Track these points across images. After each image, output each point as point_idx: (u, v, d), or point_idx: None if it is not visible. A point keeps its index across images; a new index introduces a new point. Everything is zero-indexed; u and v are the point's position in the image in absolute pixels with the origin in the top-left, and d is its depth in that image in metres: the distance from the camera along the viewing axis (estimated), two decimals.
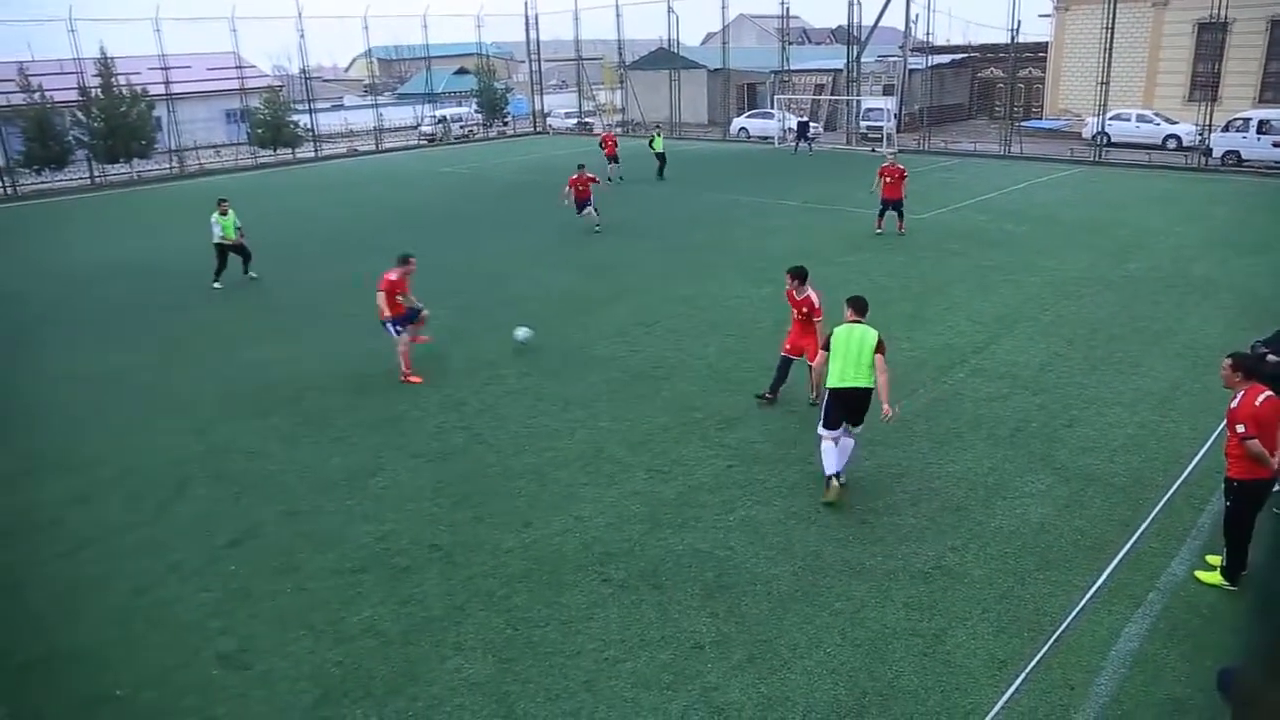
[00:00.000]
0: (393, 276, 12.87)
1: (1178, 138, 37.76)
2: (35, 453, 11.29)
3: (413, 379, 12.94)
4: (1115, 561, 8.02)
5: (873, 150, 40.67)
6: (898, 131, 42.25)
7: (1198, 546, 8.20)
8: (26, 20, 59.65)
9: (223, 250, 19.43)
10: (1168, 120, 39.20)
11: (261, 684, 6.88)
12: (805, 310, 11.22)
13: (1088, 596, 7.54)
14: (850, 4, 42.54)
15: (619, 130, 49.21)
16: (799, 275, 11.23)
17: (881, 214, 21.71)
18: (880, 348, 8.93)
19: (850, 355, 8.95)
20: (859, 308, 9.38)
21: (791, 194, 27.73)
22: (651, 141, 34.42)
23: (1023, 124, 44.02)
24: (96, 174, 41.34)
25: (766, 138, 45.00)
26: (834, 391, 9.02)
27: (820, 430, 9.18)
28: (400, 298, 12.94)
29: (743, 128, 47.84)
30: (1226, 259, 18.90)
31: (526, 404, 12.05)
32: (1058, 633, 7.10)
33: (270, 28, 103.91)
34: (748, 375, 12.74)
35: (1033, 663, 6.78)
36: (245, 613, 7.74)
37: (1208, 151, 33.91)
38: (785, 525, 8.77)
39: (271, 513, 9.42)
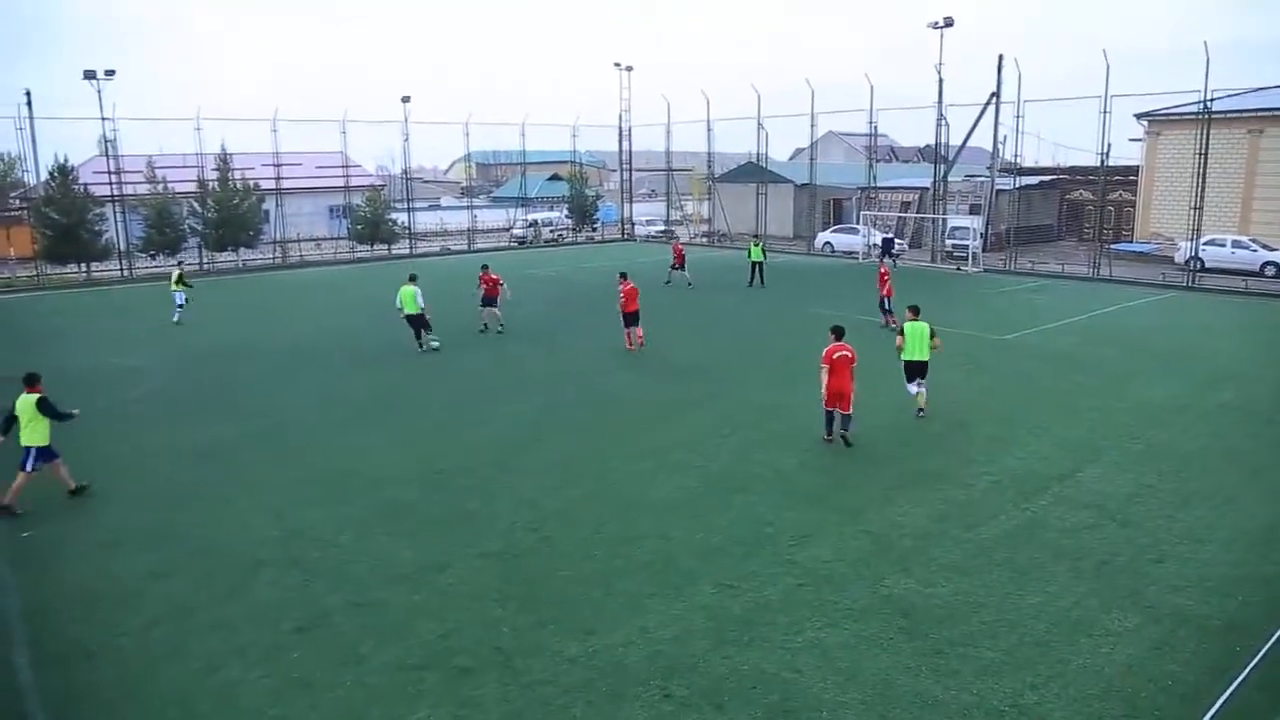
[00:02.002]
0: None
1: (1276, 264, 36.72)
2: (122, 524, 11.77)
3: None
4: (1211, 713, 7.51)
5: (958, 269, 40.47)
6: (984, 251, 42.04)
7: None
8: (160, 118, 64.66)
9: (409, 320, 21.73)
10: (1265, 247, 38.19)
11: None
12: (851, 358, 14.46)
13: None
14: (938, 123, 43.04)
15: (701, 240, 50.04)
16: (838, 332, 14.90)
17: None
18: (933, 333, 16.24)
19: (916, 339, 16.09)
20: (916, 312, 16.64)
21: (875, 310, 27.63)
22: (750, 251, 35.52)
23: (1112, 247, 43.38)
24: (205, 260, 43.75)
25: (851, 253, 45.23)
26: (907, 363, 16.27)
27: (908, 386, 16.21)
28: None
29: (827, 242, 48.14)
30: None
31: (598, 508, 12.05)
32: None
33: (377, 130, 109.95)
34: (821, 490, 12.56)
35: None
36: (305, 703, 7.77)
37: None
38: (855, 650, 8.49)
39: (339, 602, 9.53)
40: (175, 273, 28.78)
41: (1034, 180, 53.58)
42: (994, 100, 41.90)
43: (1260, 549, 10.73)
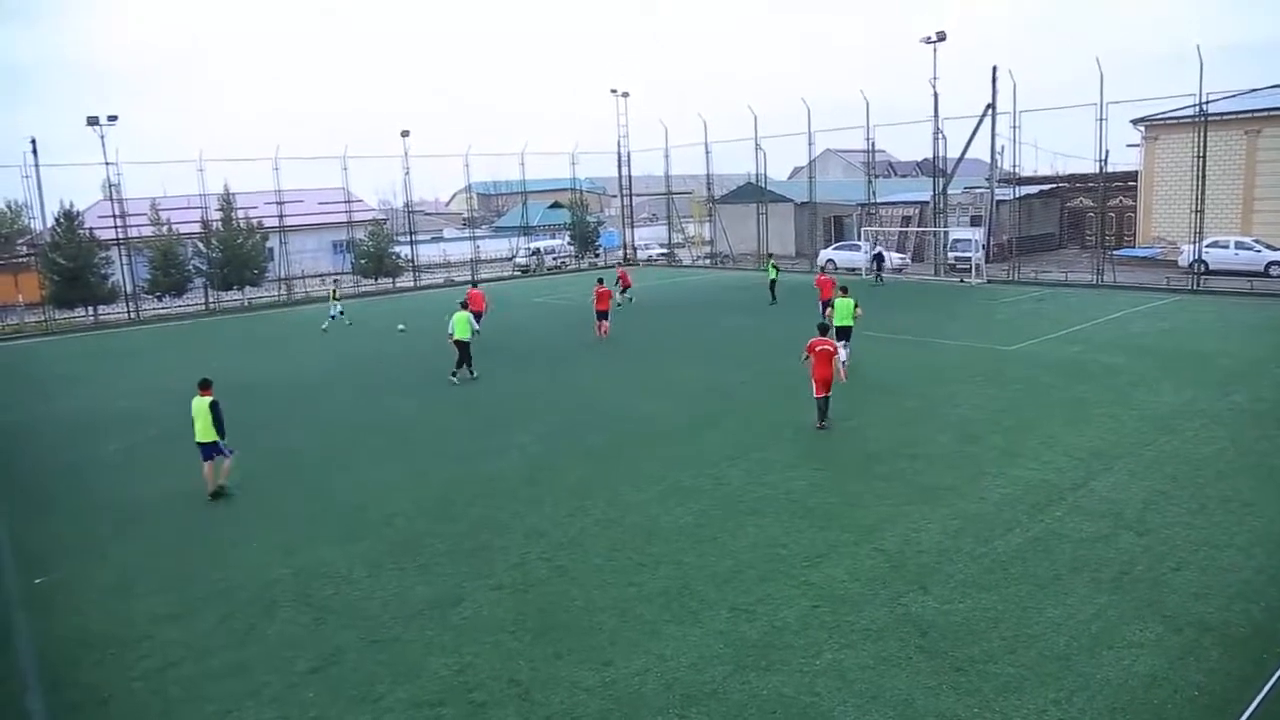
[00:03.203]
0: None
1: None
2: (136, 566, 11.78)
3: None
4: None
5: (961, 281, 40.46)
6: (986, 262, 42.04)
7: None
8: (163, 161, 65.62)
9: (458, 345, 22.34)
10: (1268, 247, 38.14)
11: None
12: (833, 350, 16.99)
13: None
14: (935, 137, 43.18)
15: (704, 262, 50.13)
16: (822, 329, 17.87)
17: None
18: (856, 305, 21.56)
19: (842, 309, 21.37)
20: (845, 291, 22.24)
21: (879, 325, 27.65)
22: (770, 270, 36.39)
23: (1115, 253, 43.36)
24: (211, 300, 44.00)
25: (854, 269, 45.24)
26: (836, 328, 20.62)
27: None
28: None
29: (830, 259, 48.09)
30: None
31: (610, 537, 12.00)
32: None
33: (379, 165, 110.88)
34: (833, 509, 12.50)
35: None
36: None
37: None
38: (874, 671, 8.40)
39: (353, 639, 9.48)
40: (332, 289, 39.24)
41: (1034, 189, 53.68)
42: (990, 112, 42.05)
43: None
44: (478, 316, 25.16)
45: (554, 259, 58.32)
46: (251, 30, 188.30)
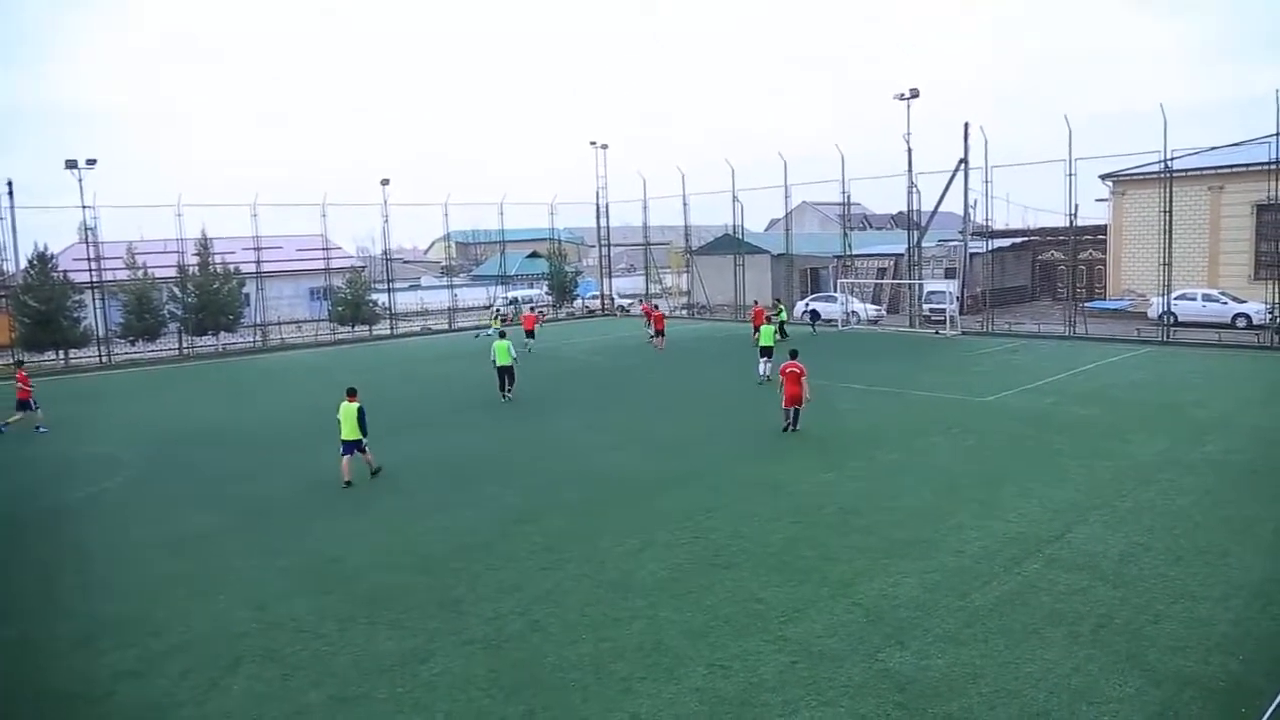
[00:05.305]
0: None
1: (1247, 316, 37.37)
2: (99, 619, 11.43)
3: None
4: None
5: (936, 332, 40.84)
6: (961, 313, 42.48)
7: None
8: (141, 205, 65.47)
9: (500, 370, 25.57)
10: (1235, 299, 38.85)
11: None
12: (800, 372, 20.08)
13: None
14: (909, 191, 43.87)
15: (680, 313, 50.55)
16: (793, 354, 20.84)
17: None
18: (781, 329, 32.23)
19: (765, 333, 28.42)
20: (769, 320, 31.15)
21: (856, 377, 27.79)
22: (779, 314, 37.52)
23: (1086, 305, 44.00)
24: (185, 345, 43.61)
25: (830, 320, 45.53)
26: (761, 348, 28.15)
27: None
28: None
29: (814, 309, 47.68)
30: None
31: (585, 590, 11.82)
32: None
33: (358, 213, 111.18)
34: (810, 563, 12.39)
35: None
36: None
37: (1279, 330, 33.40)
38: None
39: (320, 697, 9.22)
40: (497, 319, 44.85)
41: (1006, 243, 54.56)
42: (963, 166, 42.84)
43: (1258, 604, 10.63)
44: (530, 334, 36.20)
45: (531, 309, 58.40)
46: (232, 77, 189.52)
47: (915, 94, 41.65)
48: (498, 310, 51.38)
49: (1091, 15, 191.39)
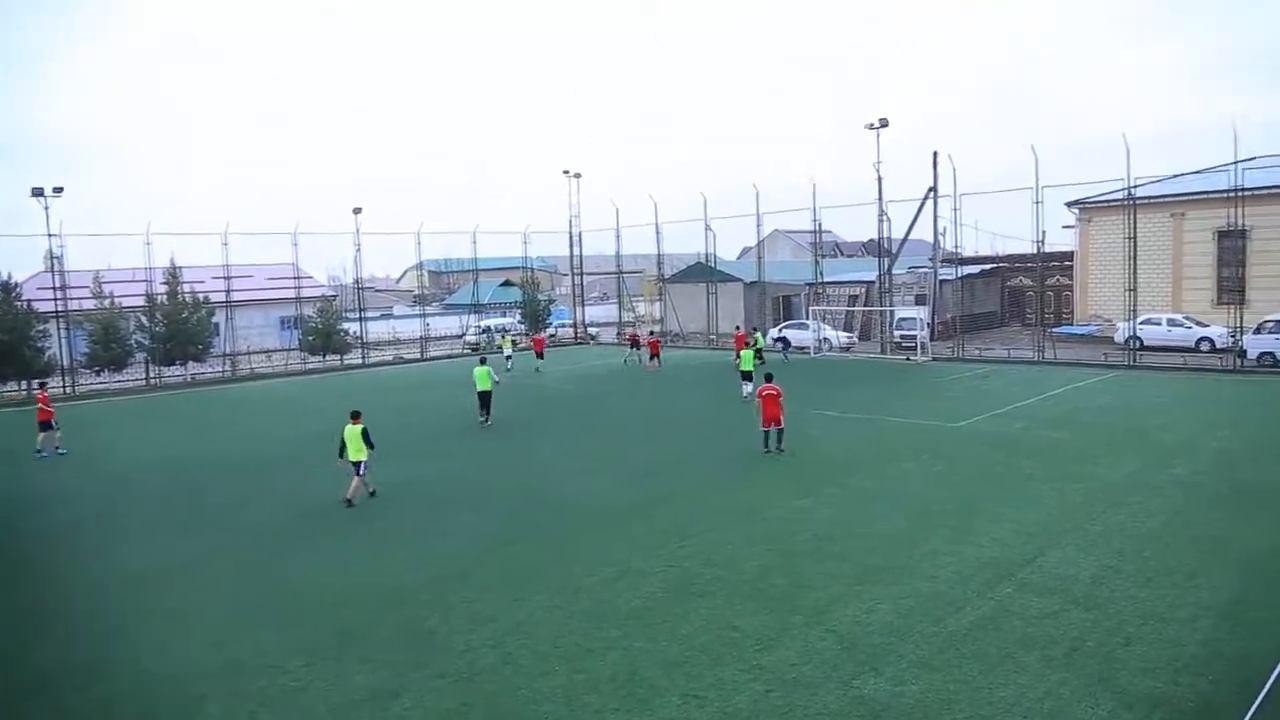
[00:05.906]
0: None
1: (1211, 340, 38.01)
2: (58, 662, 11.09)
3: None
4: None
5: (907, 359, 41.15)
6: (931, 340, 42.87)
7: None
8: (109, 234, 64.42)
9: (480, 395, 26.32)
10: (1198, 323, 39.52)
11: None
12: (777, 393, 21.10)
13: None
14: (880, 219, 44.37)
15: (651, 334, 50.68)
16: (769, 377, 21.89)
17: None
18: (758, 353, 32.50)
19: (746, 357, 30.40)
20: (749, 345, 32.95)
21: (829, 403, 27.90)
22: (755, 341, 37.59)
23: (1054, 330, 44.56)
24: (153, 376, 43.00)
25: (802, 347, 45.75)
26: (742, 372, 30.41)
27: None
28: None
29: (784, 337, 47.81)
30: (1276, 462, 18.44)
31: (558, 621, 11.69)
32: None
33: (330, 241, 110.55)
34: (784, 591, 12.35)
35: None
36: None
37: (1242, 353, 34.02)
38: None
39: None
40: (509, 340, 46.16)
41: (975, 269, 55.24)
42: (932, 194, 43.40)
43: (1226, 625, 10.71)
44: (539, 355, 41.10)
45: (504, 337, 58.26)
46: (203, 103, 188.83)
47: (885, 124, 42.27)
48: (506, 331, 53.30)
49: (1059, 43, 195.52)
